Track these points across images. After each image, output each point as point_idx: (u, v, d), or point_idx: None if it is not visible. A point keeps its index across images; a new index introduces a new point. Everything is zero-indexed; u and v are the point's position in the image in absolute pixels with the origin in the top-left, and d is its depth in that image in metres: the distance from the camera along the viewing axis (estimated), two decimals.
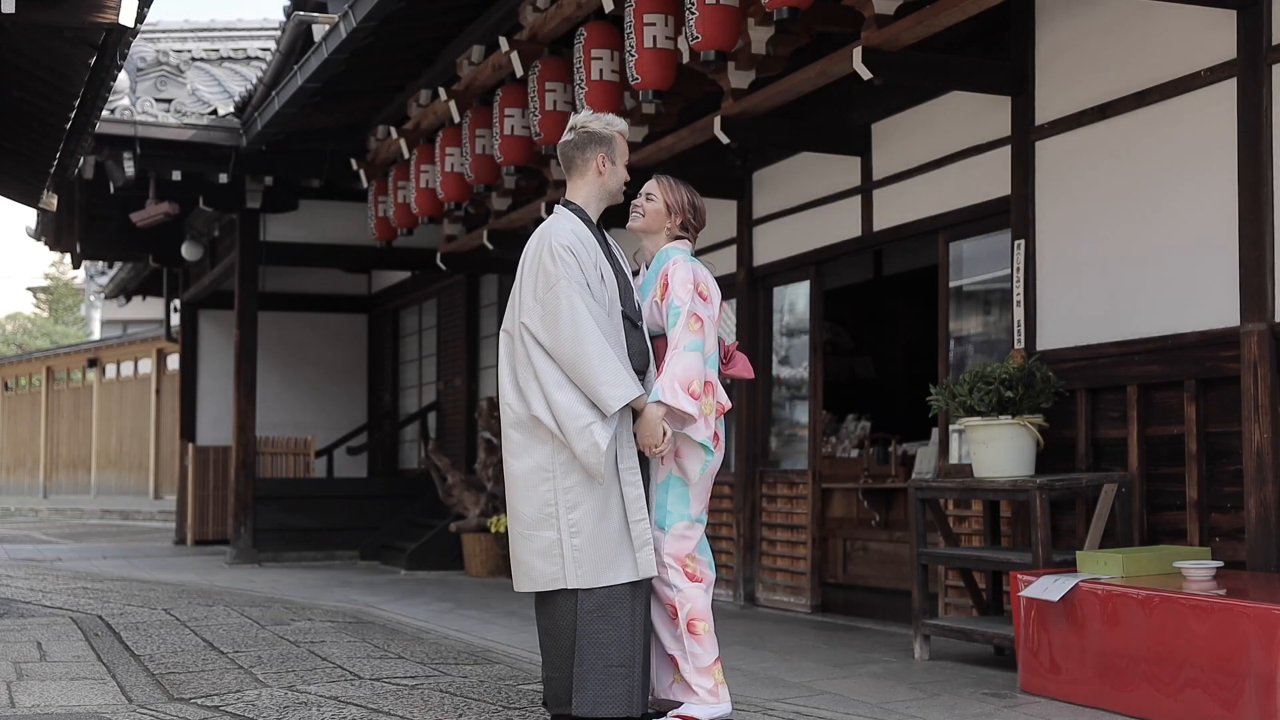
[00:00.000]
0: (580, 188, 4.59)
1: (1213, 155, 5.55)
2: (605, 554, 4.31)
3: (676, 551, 4.49)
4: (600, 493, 4.32)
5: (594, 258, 4.41)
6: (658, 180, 4.74)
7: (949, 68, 6.47)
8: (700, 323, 4.47)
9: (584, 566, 4.31)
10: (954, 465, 6.86)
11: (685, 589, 4.47)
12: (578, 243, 4.40)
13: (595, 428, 4.25)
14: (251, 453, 12.83)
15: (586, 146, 4.55)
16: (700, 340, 4.45)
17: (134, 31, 6.41)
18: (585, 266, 4.37)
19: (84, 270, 23.73)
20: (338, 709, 4.92)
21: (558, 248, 4.36)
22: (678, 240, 4.71)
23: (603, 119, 4.63)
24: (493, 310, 13.21)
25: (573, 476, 4.32)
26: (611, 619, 4.32)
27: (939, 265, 7.34)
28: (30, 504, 24.14)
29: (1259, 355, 5.22)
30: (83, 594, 9.02)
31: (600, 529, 4.31)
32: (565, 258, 4.34)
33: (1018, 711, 4.98)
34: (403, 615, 8.23)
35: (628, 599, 4.33)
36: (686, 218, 4.72)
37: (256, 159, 11.66)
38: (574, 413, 4.26)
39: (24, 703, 5.10)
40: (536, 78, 8.00)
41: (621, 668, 4.30)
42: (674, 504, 4.51)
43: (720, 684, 4.51)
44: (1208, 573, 4.79)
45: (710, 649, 4.49)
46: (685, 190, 4.74)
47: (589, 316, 4.28)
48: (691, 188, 4.78)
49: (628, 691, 4.29)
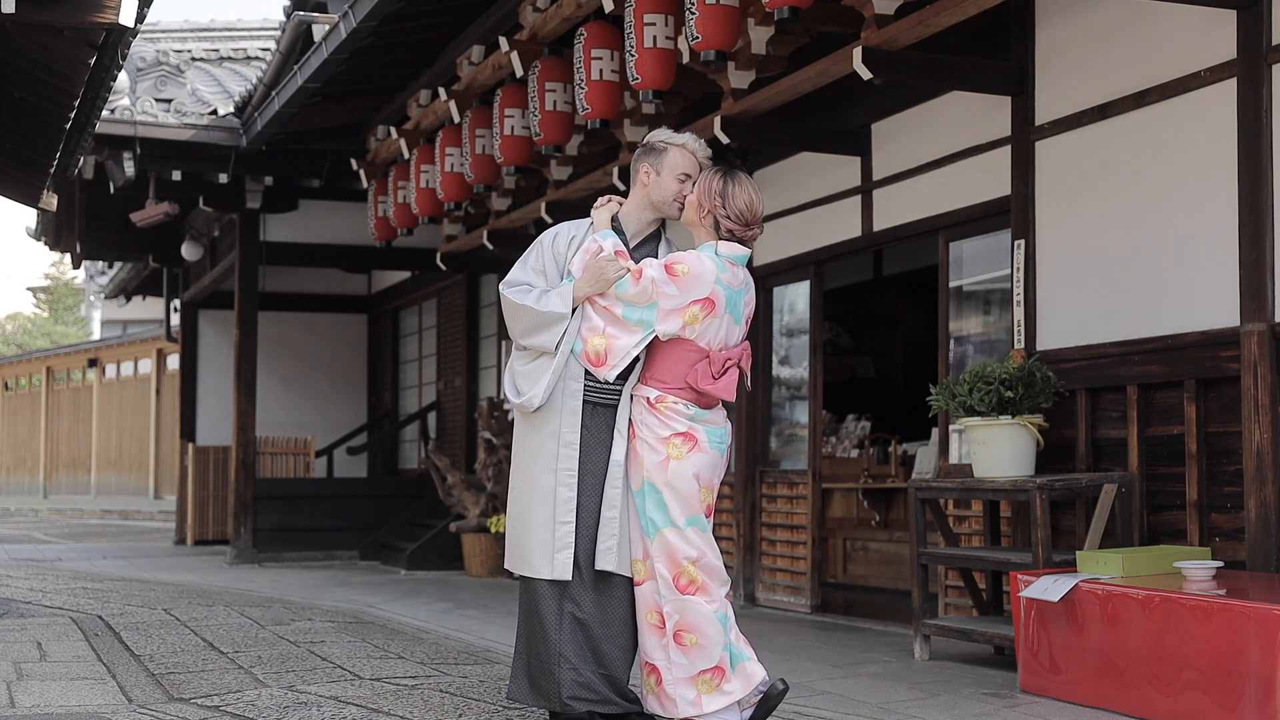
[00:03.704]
0: (630, 198, 4.61)
1: (1213, 155, 5.55)
2: (527, 545, 4.40)
3: (665, 561, 4.30)
4: (537, 489, 4.40)
5: (566, 255, 4.48)
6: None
7: (949, 68, 6.47)
8: (638, 279, 4.31)
9: (510, 552, 4.49)
10: (954, 465, 6.86)
11: (673, 600, 4.28)
12: (554, 235, 4.55)
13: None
14: (251, 453, 12.83)
15: (640, 159, 4.56)
16: (630, 286, 4.32)
17: (134, 31, 6.41)
18: (552, 256, 4.50)
19: (84, 270, 23.74)
20: (338, 709, 4.92)
21: (536, 242, 4.57)
22: (721, 241, 4.40)
23: (667, 134, 4.57)
24: (492, 310, 13.21)
25: (519, 465, 4.47)
26: (531, 611, 4.41)
27: (939, 265, 7.34)
28: (30, 504, 24.14)
29: (1259, 355, 5.22)
30: (83, 594, 9.02)
31: (528, 520, 4.40)
32: (536, 246, 4.55)
33: (1018, 711, 4.97)
34: (403, 615, 8.23)
35: (552, 596, 4.37)
36: (714, 212, 4.39)
37: (256, 159, 11.66)
38: (521, 362, 4.46)
39: (24, 703, 5.10)
40: (536, 78, 8.01)
41: (537, 661, 4.37)
42: (653, 511, 4.31)
43: (704, 694, 4.28)
44: (1208, 573, 4.79)
45: (698, 660, 4.28)
46: (721, 180, 4.39)
47: (516, 286, 4.47)
48: (740, 179, 4.41)
49: (540, 685, 4.36)
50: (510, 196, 10.14)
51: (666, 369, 4.39)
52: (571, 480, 4.36)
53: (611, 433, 4.41)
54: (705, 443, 4.36)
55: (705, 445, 4.36)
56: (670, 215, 4.57)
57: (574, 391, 4.38)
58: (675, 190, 4.50)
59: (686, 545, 4.31)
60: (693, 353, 4.36)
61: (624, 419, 4.42)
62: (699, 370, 4.35)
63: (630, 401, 4.43)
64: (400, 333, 16.00)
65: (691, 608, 4.28)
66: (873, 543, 8.26)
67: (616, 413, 4.42)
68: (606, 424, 4.42)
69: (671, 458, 4.32)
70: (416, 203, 10.10)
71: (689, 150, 4.52)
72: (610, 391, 4.42)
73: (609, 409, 4.42)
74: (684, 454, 4.33)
